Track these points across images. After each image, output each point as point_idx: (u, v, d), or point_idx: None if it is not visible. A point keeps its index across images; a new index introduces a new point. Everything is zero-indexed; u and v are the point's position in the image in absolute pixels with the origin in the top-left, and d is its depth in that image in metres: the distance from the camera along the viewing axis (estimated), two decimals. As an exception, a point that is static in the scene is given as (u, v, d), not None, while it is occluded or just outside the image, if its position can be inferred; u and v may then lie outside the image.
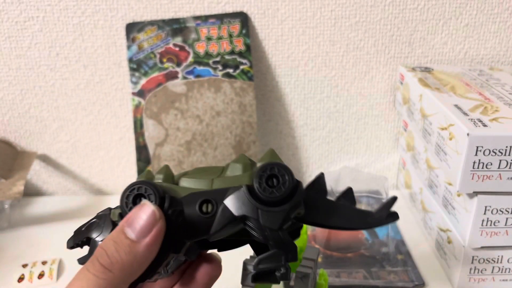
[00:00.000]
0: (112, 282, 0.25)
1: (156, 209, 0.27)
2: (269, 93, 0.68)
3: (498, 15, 0.64)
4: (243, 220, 0.28)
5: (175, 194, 0.29)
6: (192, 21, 0.63)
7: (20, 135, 0.69)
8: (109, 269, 0.25)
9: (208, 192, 0.28)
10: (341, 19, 0.64)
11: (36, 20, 0.63)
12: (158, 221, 0.26)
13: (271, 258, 0.28)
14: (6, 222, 0.64)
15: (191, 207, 0.28)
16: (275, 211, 0.27)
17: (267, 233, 0.27)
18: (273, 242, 0.27)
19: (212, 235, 0.28)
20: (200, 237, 0.28)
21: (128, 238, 0.26)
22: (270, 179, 0.28)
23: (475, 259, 0.48)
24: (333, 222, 0.30)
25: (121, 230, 0.26)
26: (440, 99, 0.51)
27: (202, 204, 0.28)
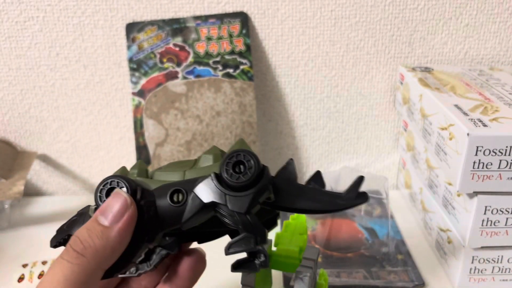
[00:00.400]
0: (85, 267, 0.25)
1: (128, 197, 0.28)
2: (269, 93, 0.68)
3: (498, 15, 0.64)
4: (213, 207, 0.29)
5: (148, 187, 0.30)
6: (192, 21, 0.63)
7: (20, 135, 0.69)
8: (82, 254, 0.26)
9: (178, 182, 0.30)
10: (341, 19, 0.64)
11: (36, 20, 0.63)
12: (130, 207, 0.27)
13: (241, 242, 0.29)
14: (6, 222, 0.64)
15: (162, 198, 0.29)
16: (242, 195, 0.28)
17: (236, 218, 0.28)
18: (242, 226, 0.28)
19: (184, 223, 0.29)
20: (172, 227, 0.29)
21: (101, 225, 0.27)
22: (237, 166, 0.29)
23: (475, 259, 0.48)
24: (304, 205, 0.30)
25: (94, 218, 0.28)
26: (440, 99, 0.51)
27: (173, 194, 0.29)
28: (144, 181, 0.31)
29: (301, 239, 0.38)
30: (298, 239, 0.38)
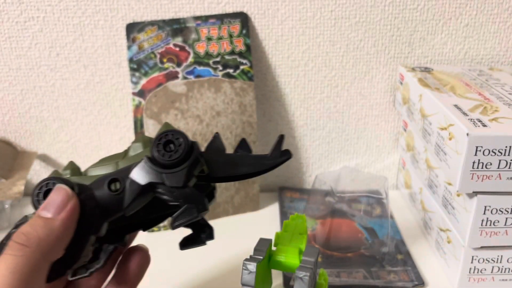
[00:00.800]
0: (30, 258, 0.25)
1: (68, 189, 0.28)
2: (269, 93, 0.68)
3: (498, 15, 0.64)
4: (152, 188, 0.30)
5: (84, 183, 0.31)
6: (192, 21, 0.63)
7: (20, 135, 0.69)
8: (26, 245, 0.25)
9: (113, 172, 0.31)
10: (341, 19, 0.64)
11: (37, 20, 0.63)
12: (72, 199, 0.28)
13: (184, 213, 0.30)
14: (6, 222, 0.64)
15: (101, 189, 0.30)
16: (177, 171, 0.29)
17: (175, 193, 0.29)
18: (182, 199, 0.30)
19: (126, 209, 0.30)
20: (116, 214, 0.30)
21: (43, 217, 0.27)
22: (167, 145, 0.30)
23: (474, 259, 0.49)
24: (235, 171, 0.32)
25: (37, 215, 0.28)
26: (440, 99, 0.51)
27: (110, 184, 0.30)
28: (79, 179, 0.32)
29: (301, 239, 0.39)
30: (298, 239, 0.39)
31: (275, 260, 0.37)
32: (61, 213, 0.27)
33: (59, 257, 0.27)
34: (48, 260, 0.26)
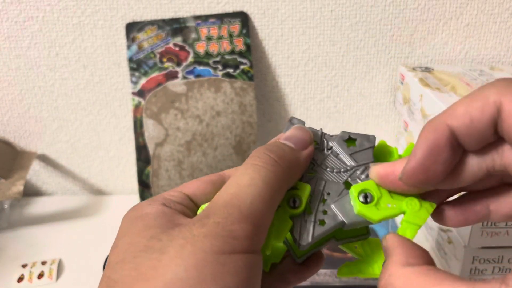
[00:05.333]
0: (279, 177, 0.24)
1: (311, 132, 0.27)
2: (269, 93, 0.68)
3: (498, 15, 0.64)
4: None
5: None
6: (192, 21, 0.63)
7: (20, 135, 0.69)
8: (278, 162, 0.24)
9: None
10: (341, 19, 0.64)
11: (36, 20, 0.63)
12: (312, 142, 0.27)
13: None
14: (5, 222, 0.64)
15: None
16: None
17: None
18: None
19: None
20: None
21: (288, 146, 0.26)
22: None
23: (475, 259, 0.48)
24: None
25: (277, 141, 0.27)
26: (441, 99, 0.51)
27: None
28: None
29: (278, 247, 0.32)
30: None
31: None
32: (304, 150, 0.26)
33: (287, 189, 0.26)
34: (287, 187, 0.25)
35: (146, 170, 0.63)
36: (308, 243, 0.25)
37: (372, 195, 0.25)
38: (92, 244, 0.60)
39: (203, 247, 0.20)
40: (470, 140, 0.22)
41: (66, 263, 0.57)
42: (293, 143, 0.26)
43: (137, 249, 0.21)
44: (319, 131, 0.28)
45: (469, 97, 0.22)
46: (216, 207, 0.22)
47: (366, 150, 0.27)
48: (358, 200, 0.25)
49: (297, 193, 0.25)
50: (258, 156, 0.24)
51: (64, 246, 0.60)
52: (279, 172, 0.24)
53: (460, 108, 0.22)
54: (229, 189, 0.23)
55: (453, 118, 0.22)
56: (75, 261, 0.58)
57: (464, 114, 0.22)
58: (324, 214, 0.26)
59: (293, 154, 0.25)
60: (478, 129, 0.22)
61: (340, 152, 0.27)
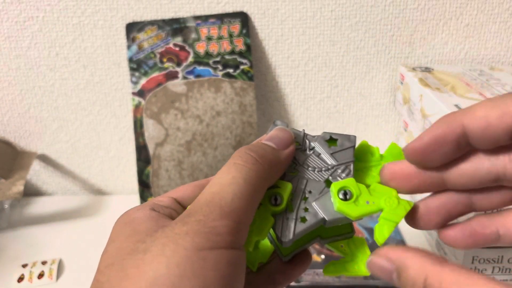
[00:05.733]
0: (258, 174, 0.24)
1: (292, 133, 0.28)
2: (269, 93, 0.68)
3: (498, 15, 0.64)
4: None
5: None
6: (192, 21, 0.63)
7: (20, 135, 0.69)
8: (259, 161, 0.25)
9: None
10: (341, 19, 0.64)
11: (36, 20, 0.63)
12: (293, 142, 0.28)
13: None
14: (6, 222, 0.64)
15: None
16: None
17: None
18: None
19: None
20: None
21: (270, 146, 0.27)
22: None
23: (475, 259, 0.48)
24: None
25: (261, 142, 0.27)
26: (441, 99, 0.51)
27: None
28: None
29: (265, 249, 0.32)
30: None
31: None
32: (286, 149, 0.27)
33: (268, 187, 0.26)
34: (267, 185, 0.26)
35: (146, 170, 0.63)
36: (289, 240, 0.25)
37: (352, 192, 0.26)
38: (92, 244, 0.60)
39: (185, 244, 0.21)
40: (483, 142, 0.23)
41: (66, 263, 0.57)
42: (274, 143, 0.27)
43: (125, 253, 0.22)
44: (301, 132, 0.29)
45: (491, 102, 0.23)
46: (198, 206, 0.23)
47: (347, 149, 0.28)
48: (337, 197, 0.26)
49: (279, 191, 0.26)
50: (240, 156, 0.25)
51: (64, 246, 0.60)
52: (260, 170, 0.25)
53: (480, 111, 0.23)
54: (211, 188, 0.24)
55: (470, 119, 0.23)
56: (75, 261, 0.58)
57: (482, 117, 0.22)
58: (305, 211, 0.26)
59: (274, 154, 0.26)
60: (493, 134, 0.22)
61: (321, 152, 0.28)
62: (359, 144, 0.29)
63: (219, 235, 0.21)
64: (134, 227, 0.23)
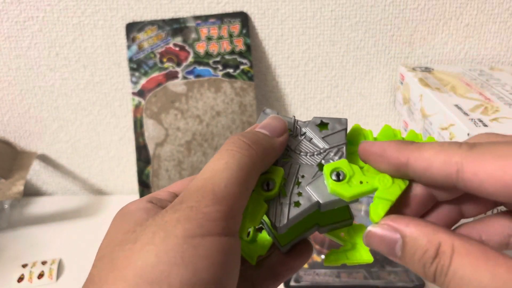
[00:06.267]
0: (253, 161, 0.24)
1: (285, 121, 0.28)
2: (269, 93, 0.68)
3: (498, 15, 0.64)
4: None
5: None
6: (192, 21, 0.63)
7: (20, 135, 0.69)
8: (252, 147, 0.25)
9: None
10: (341, 19, 0.64)
11: (36, 20, 0.63)
12: (287, 131, 0.27)
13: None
14: (6, 222, 0.64)
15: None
16: None
17: None
18: None
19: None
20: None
21: (263, 133, 0.27)
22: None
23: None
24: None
25: (253, 129, 0.27)
26: (441, 99, 0.51)
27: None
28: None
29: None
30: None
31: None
32: (279, 137, 0.27)
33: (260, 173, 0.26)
34: (260, 172, 0.25)
35: (146, 170, 0.63)
36: (284, 225, 0.25)
37: (344, 173, 0.26)
38: (92, 244, 0.60)
39: (175, 231, 0.20)
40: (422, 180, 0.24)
41: (66, 263, 0.57)
42: (268, 131, 0.27)
43: (115, 244, 0.21)
44: (292, 119, 0.29)
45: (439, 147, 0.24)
46: (190, 192, 0.22)
47: (339, 132, 0.28)
48: (330, 178, 0.26)
49: (270, 176, 0.26)
50: (233, 142, 0.25)
51: (64, 246, 0.60)
52: (253, 156, 0.24)
53: (426, 153, 0.24)
54: (203, 175, 0.23)
55: (416, 157, 0.24)
56: (75, 261, 0.58)
57: (426, 159, 0.24)
58: (299, 196, 0.26)
59: (267, 140, 0.26)
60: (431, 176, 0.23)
61: (313, 137, 0.28)
62: (352, 128, 0.29)
63: (212, 221, 0.21)
64: (127, 219, 0.23)
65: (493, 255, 0.20)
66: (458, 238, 0.21)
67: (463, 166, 0.22)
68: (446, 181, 0.23)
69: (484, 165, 0.22)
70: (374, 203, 0.25)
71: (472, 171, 0.22)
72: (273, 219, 0.25)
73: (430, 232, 0.21)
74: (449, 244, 0.20)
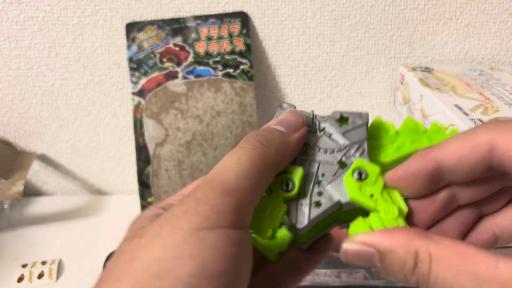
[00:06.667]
0: (267, 159, 0.24)
1: (303, 115, 0.27)
2: (269, 93, 0.68)
3: (498, 15, 0.64)
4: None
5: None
6: (192, 21, 0.63)
7: (20, 135, 0.69)
8: (265, 146, 0.24)
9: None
10: (341, 19, 0.64)
11: (36, 20, 0.63)
12: (304, 125, 0.27)
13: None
14: (5, 222, 0.64)
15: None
16: None
17: None
18: None
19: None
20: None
21: (278, 130, 0.26)
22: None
23: (475, 260, 0.48)
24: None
25: (268, 126, 0.26)
26: (441, 99, 0.51)
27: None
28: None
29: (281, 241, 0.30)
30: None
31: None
32: (295, 133, 0.26)
33: (278, 172, 0.26)
34: (275, 170, 0.25)
35: (146, 170, 0.63)
36: (305, 226, 0.24)
37: (367, 172, 0.25)
38: (92, 244, 0.60)
39: (181, 224, 0.20)
40: (458, 176, 0.24)
41: (66, 263, 0.57)
42: (283, 127, 0.26)
43: (125, 240, 0.21)
44: (310, 114, 0.28)
45: (462, 136, 0.23)
46: (199, 186, 0.22)
47: (359, 127, 0.27)
48: (351, 176, 0.25)
49: (289, 176, 0.25)
50: (247, 140, 0.24)
51: (64, 246, 0.60)
52: (266, 154, 0.24)
53: (452, 145, 0.23)
54: (214, 170, 0.23)
55: (443, 154, 0.23)
56: (75, 261, 0.58)
57: (455, 151, 0.23)
58: (319, 195, 0.25)
59: (282, 138, 0.25)
60: (467, 167, 0.23)
61: (332, 132, 0.27)
62: (373, 121, 0.28)
63: (219, 213, 0.20)
64: (139, 222, 0.23)
65: (471, 254, 0.19)
66: (433, 242, 0.20)
67: (494, 143, 0.22)
68: (481, 166, 0.22)
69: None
70: (358, 222, 0.24)
71: (505, 147, 0.22)
72: (293, 220, 0.24)
73: (405, 241, 0.21)
74: (426, 251, 0.20)
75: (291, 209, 0.25)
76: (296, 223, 0.24)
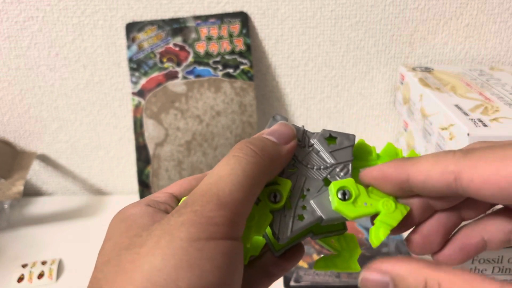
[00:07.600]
0: (259, 168, 0.24)
1: (294, 128, 0.28)
2: (269, 93, 0.68)
3: (498, 15, 0.64)
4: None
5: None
6: (192, 21, 0.63)
7: (20, 135, 0.69)
8: (258, 154, 0.25)
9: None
10: (341, 19, 0.64)
11: (36, 20, 0.63)
12: (295, 137, 0.27)
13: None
14: (5, 222, 0.64)
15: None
16: None
17: None
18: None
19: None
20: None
21: (270, 140, 0.26)
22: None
23: (475, 259, 0.48)
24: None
25: (262, 136, 0.27)
26: (441, 99, 0.51)
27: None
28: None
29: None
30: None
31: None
32: (287, 144, 0.27)
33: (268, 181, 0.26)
34: (266, 180, 0.25)
35: (146, 170, 0.63)
36: (287, 237, 0.25)
37: (351, 192, 0.26)
38: (92, 244, 0.60)
39: (180, 235, 0.20)
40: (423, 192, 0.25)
41: (66, 263, 0.57)
42: (275, 137, 0.27)
43: (121, 248, 0.22)
44: (301, 128, 0.29)
45: (435, 158, 0.25)
46: (195, 197, 0.22)
47: (346, 148, 0.28)
48: (336, 196, 0.26)
49: (278, 188, 0.26)
50: (240, 148, 0.25)
51: (64, 246, 0.60)
52: (260, 163, 0.24)
53: (423, 166, 0.25)
54: (209, 180, 0.23)
55: (415, 171, 0.25)
56: (75, 261, 0.58)
57: (424, 172, 0.25)
58: (303, 209, 0.26)
59: (274, 148, 0.26)
60: (432, 188, 0.24)
61: (320, 150, 0.28)
62: (357, 143, 0.29)
63: (216, 225, 0.21)
64: (130, 223, 0.23)
65: (477, 282, 0.20)
66: (443, 272, 0.21)
67: (460, 174, 0.23)
68: (446, 190, 0.24)
69: (478, 171, 0.22)
70: (376, 226, 0.26)
71: (468, 177, 0.23)
72: (276, 230, 0.25)
73: (416, 269, 0.21)
74: (435, 280, 0.21)
75: (275, 219, 0.26)
76: (279, 234, 0.25)
